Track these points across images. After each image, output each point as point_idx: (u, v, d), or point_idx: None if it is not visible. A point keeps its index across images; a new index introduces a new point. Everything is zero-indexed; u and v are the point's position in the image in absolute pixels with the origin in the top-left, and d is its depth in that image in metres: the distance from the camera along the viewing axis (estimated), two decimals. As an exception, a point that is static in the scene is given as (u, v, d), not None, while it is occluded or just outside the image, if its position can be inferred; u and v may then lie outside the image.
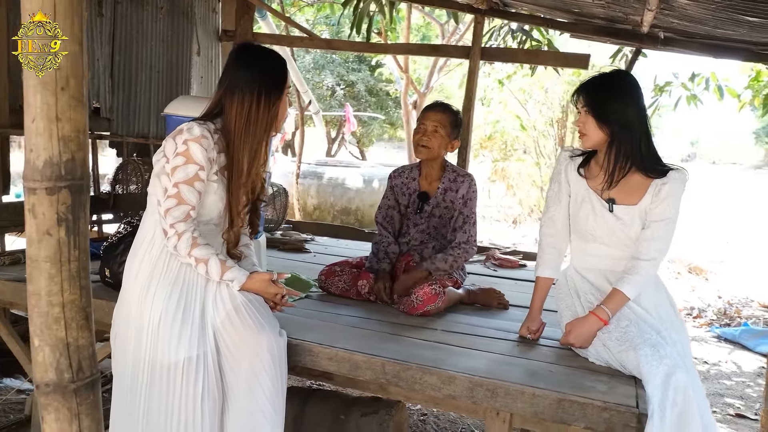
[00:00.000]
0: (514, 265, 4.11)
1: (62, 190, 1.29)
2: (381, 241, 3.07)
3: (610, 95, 2.40)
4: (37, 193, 1.28)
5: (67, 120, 1.29)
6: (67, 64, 1.27)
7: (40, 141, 1.27)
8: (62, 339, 1.33)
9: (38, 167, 1.28)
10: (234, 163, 2.22)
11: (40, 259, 1.30)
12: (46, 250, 1.30)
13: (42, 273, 1.30)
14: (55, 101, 1.27)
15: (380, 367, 2.21)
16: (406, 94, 8.70)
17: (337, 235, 4.80)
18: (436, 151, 3.00)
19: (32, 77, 1.26)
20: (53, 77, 1.26)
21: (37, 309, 1.31)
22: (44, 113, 1.27)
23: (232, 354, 2.21)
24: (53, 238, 1.30)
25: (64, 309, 1.32)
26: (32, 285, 1.32)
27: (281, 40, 5.55)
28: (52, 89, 1.27)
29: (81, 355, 1.35)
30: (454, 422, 3.74)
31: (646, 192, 2.44)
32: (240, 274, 2.21)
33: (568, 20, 4.22)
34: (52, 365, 1.33)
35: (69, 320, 1.33)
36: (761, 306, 7.43)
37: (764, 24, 3.09)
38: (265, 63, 2.27)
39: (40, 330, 1.32)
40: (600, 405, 1.99)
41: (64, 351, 1.33)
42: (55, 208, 1.29)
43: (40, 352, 1.33)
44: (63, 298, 1.32)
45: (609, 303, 2.39)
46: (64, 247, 1.31)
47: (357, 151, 16.21)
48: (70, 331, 1.33)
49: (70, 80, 1.28)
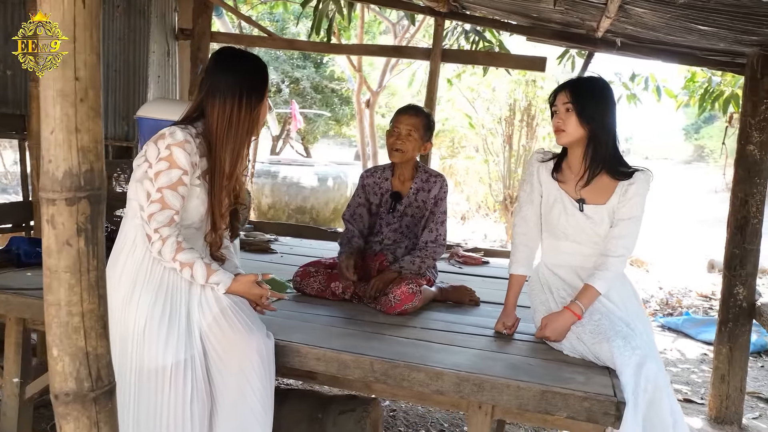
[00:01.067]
0: (477, 262, 4.22)
1: (82, 201, 1.30)
2: (345, 234, 3.14)
3: (594, 96, 2.53)
4: (56, 203, 1.29)
5: (86, 131, 1.29)
6: (86, 75, 1.28)
7: (60, 152, 1.28)
8: (82, 348, 1.33)
9: (58, 178, 1.28)
10: (216, 167, 2.23)
11: (59, 270, 1.30)
12: (66, 260, 1.30)
13: (62, 283, 1.31)
14: (74, 112, 1.27)
15: (369, 366, 2.26)
16: (359, 92, 8.74)
17: (300, 235, 4.82)
18: (410, 154, 3.06)
19: (51, 88, 1.27)
20: (73, 88, 1.27)
21: (57, 319, 1.32)
22: (64, 124, 1.27)
23: (220, 357, 2.23)
24: (73, 249, 1.30)
25: (83, 318, 1.33)
26: (52, 295, 1.32)
27: (241, 40, 5.52)
28: (71, 100, 1.27)
29: (99, 363, 1.36)
30: (423, 416, 3.81)
31: (613, 192, 2.57)
32: (225, 277, 2.23)
33: (525, 24, 4.34)
34: (71, 375, 1.33)
35: (88, 329, 1.34)
36: (699, 295, 7.78)
37: (713, 32, 3.27)
38: (247, 66, 2.29)
39: (60, 340, 1.32)
40: (581, 395, 2.09)
41: (83, 360, 1.34)
42: (75, 218, 1.30)
43: (59, 362, 1.33)
44: (82, 308, 1.33)
45: (582, 298, 2.50)
46: (84, 257, 1.32)
47: (302, 149, 16.14)
48: (89, 340, 1.34)
49: (89, 91, 1.29)
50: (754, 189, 3.86)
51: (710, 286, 8.30)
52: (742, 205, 3.89)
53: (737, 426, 3.94)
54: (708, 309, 7.05)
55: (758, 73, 3.75)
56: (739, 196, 3.90)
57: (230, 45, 2.62)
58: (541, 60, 4.37)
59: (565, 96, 2.55)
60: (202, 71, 4.69)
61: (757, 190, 3.86)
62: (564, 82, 2.64)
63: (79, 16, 1.26)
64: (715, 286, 8.31)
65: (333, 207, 7.86)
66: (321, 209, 7.67)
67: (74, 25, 1.25)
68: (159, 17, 4.78)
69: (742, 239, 3.91)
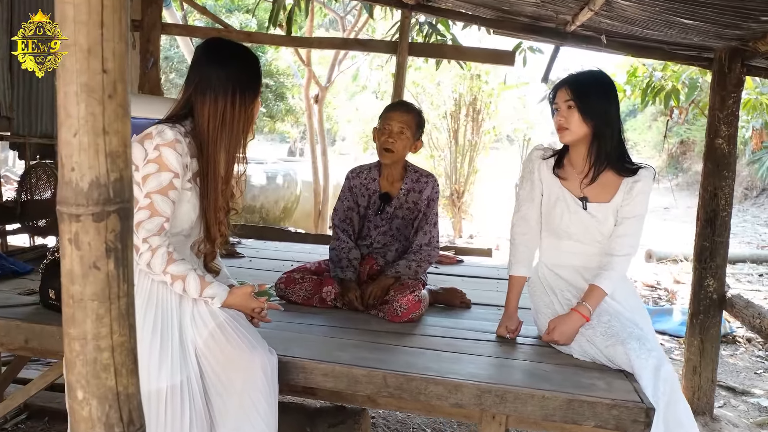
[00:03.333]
0: (452, 261, 4.12)
1: (111, 216, 1.09)
2: (341, 248, 2.92)
3: (595, 91, 2.44)
4: (81, 219, 1.08)
5: (115, 133, 1.09)
6: (115, 66, 1.08)
7: (85, 158, 1.07)
8: (112, 389, 1.13)
9: (83, 189, 1.07)
10: (209, 168, 2.04)
11: (85, 298, 1.10)
12: (93, 287, 1.10)
13: (88, 314, 1.10)
14: (102, 111, 1.07)
15: (382, 380, 2.11)
16: (308, 87, 8.50)
17: (262, 237, 4.61)
18: (401, 153, 2.90)
19: (73, 83, 1.06)
20: (100, 83, 1.07)
21: (83, 356, 1.11)
22: (90, 125, 1.06)
23: (218, 376, 2.04)
24: (101, 272, 1.10)
25: (113, 353, 1.13)
26: (75, 328, 1.11)
27: (195, 32, 5.23)
28: (98, 97, 1.07)
29: (131, 405, 1.16)
30: (403, 422, 3.69)
31: (618, 190, 2.50)
32: (220, 290, 2.04)
33: (492, 17, 4.26)
34: (100, 420, 1.13)
35: (119, 366, 1.14)
36: (645, 286, 7.95)
37: (696, 26, 3.25)
38: (239, 60, 2.10)
39: (86, 380, 1.12)
40: (608, 403, 2.01)
41: (114, 402, 1.14)
42: (104, 236, 1.09)
43: (85, 406, 1.12)
44: (112, 341, 1.12)
45: (589, 299, 2.43)
46: (114, 281, 1.11)
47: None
48: (119, 379, 1.14)
49: (118, 86, 1.09)
50: (722, 182, 3.90)
51: (653, 275, 8.51)
52: (711, 198, 3.93)
53: (709, 416, 3.99)
54: (657, 299, 7.19)
55: (726, 68, 3.79)
56: (709, 189, 3.94)
57: (217, 36, 2.41)
58: (509, 54, 4.31)
59: (565, 93, 2.46)
60: (153, 65, 4.43)
61: (725, 184, 3.91)
62: (564, 78, 2.55)
63: (108, -4, 1.06)
64: (657, 275, 8.54)
65: (283, 206, 7.63)
66: (271, 208, 7.41)
67: (102, 8, 1.05)
68: (105, 7, 4.45)
69: (711, 232, 3.95)
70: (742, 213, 15.45)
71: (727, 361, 5.31)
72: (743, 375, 5.02)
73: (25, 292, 2.70)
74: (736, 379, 4.86)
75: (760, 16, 2.91)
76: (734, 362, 5.36)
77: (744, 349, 5.69)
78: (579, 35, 4.08)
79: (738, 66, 3.80)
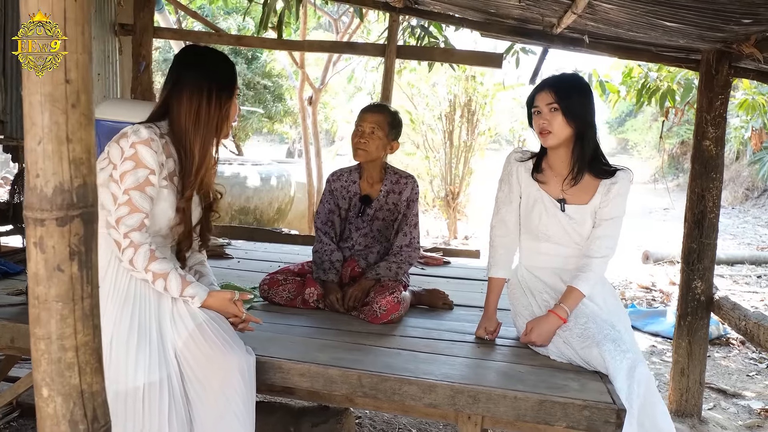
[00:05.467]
0: (438, 263, 4.16)
1: (74, 220, 1.14)
2: (323, 250, 2.96)
3: (576, 93, 2.46)
4: (46, 224, 1.13)
5: (78, 140, 1.14)
6: (77, 77, 1.12)
7: (49, 165, 1.12)
8: (76, 387, 1.18)
9: (47, 195, 1.12)
10: (185, 162, 2.10)
11: (50, 299, 1.14)
12: (57, 288, 1.14)
13: (53, 314, 1.15)
14: (65, 120, 1.12)
15: (357, 381, 2.15)
16: (302, 89, 8.54)
17: (252, 238, 4.64)
18: (375, 153, 2.95)
19: (37, 93, 1.10)
20: (63, 93, 1.11)
21: (47, 355, 1.16)
22: (54, 134, 1.11)
23: (197, 377, 2.08)
24: (65, 275, 1.15)
25: (77, 353, 1.17)
26: (41, 328, 1.15)
27: (186, 36, 5.26)
28: (62, 107, 1.11)
29: (95, 402, 1.21)
30: (389, 422, 3.72)
31: (596, 192, 2.53)
32: (200, 290, 2.09)
33: (480, 19, 4.29)
34: (65, 417, 1.17)
35: (83, 365, 1.18)
36: (640, 287, 7.96)
37: (678, 29, 3.29)
38: (214, 63, 2.19)
39: (51, 378, 1.16)
40: (580, 404, 2.04)
41: (78, 400, 1.18)
42: (67, 240, 1.14)
43: (50, 404, 1.17)
44: (76, 341, 1.17)
45: (566, 301, 2.46)
46: (77, 283, 1.16)
47: (233, 146, 15.79)
48: (84, 377, 1.18)
49: (81, 96, 1.13)
50: (710, 184, 3.90)
51: (648, 277, 8.51)
52: (698, 200, 3.93)
53: (697, 418, 3.99)
54: (651, 300, 7.20)
55: (713, 69, 3.79)
56: (696, 191, 3.94)
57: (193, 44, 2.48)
58: (497, 56, 4.35)
59: (548, 95, 2.47)
60: (145, 68, 4.47)
61: (713, 185, 3.91)
62: (544, 81, 2.57)
63: (70, 10, 1.10)
64: (653, 277, 8.54)
65: (277, 207, 7.67)
66: (265, 209, 7.45)
67: (64, 21, 1.10)
68: (98, 12, 4.51)
69: (699, 234, 3.94)
70: (742, 214, 15.37)
71: (720, 363, 5.30)
72: (735, 377, 5.01)
73: (13, 292, 2.75)
74: (728, 382, 4.85)
75: (741, 19, 2.93)
76: (727, 364, 5.34)
77: (737, 352, 5.67)
78: (566, 37, 4.11)
79: (725, 68, 3.80)
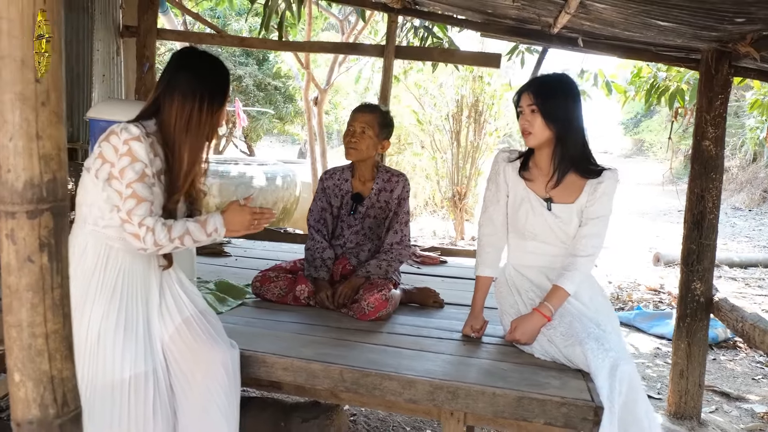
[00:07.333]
0: (435, 262, 4.19)
1: (44, 213, 1.19)
2: (315, 248, 3.02)
3: (557, 95, 2.49)
4: (16, 217, 1.18)
5: (48, 137, 1.19)
6: (48, 77, 1.17)
7: (20, 161, 1.17)
8: (46, 372, 1.23)
9: (17, 189, 1.17)
10: (173, 164, 2.13)
11: (20, 289, 1.20)
12: (28, 278, 1.20)
13: (23, 303, 1.20)
14: (35, 117, 1.17)
15: (338, 375, 2.19)
16: (308, 90, 8.60)
17: (252, 237, 4.69)
18: (365, 152, 3.00)
19: (8, 92, 1.16)
20: (33, 91, 1.17)
21: (19, 342, 1.21)
22: (24, 131, 1.16)
23: (183, 371, 2.13)
24: (35, 265, 1.20)
25: (47, 340, 1.23)
26: (12, 316, 1.21)
27: (189, 37, 5.33)
28: (32, 105, 1.16)
29: (65, 387, 1.26)
30: (384, 420, 3.76)
31: (582, 191, 2.55)
32: (213, 218, 2.09)
33: (479, 20, 4.32)
34: (35, 401, 1.22)
35: (53, 351, 1.23)
36: (648, 289, 7.92)
37: (672, 28, 3.30)
38: (211, 69, 2.20)
39: (22, 364, 1.22)
40: (558, 401, 2.07)
41: (48, 385, 1.23)
42: (37, 232, 1.19)
43: (21, 388, 1.22)
44: (46, 329, 1.22)
45: (551, 299, 2.48)
46: (47, 274, 1.21)
47: (245, 147, 15.91)
48: (54, 363, 1.24)
49: (51, 94, 1.19)
50: (710, 184, 3.87)
51: (658, 279, 8.46)
52: (698, 200, 3.90)
53: (696, 421, 3.96)
54: (658, 302, 7.17)
55: (713, 69, 3.76)
56: (696, 191, 3.90)
57: (191, 45, 2.51)
58: (496, 57, 4.37)
59: (528, 97, 2.51)
60: (148, 70, 4.54)
61: (713, 186, 3.87)
62: (527, 83, 2.61)
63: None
64: (662, 279, 8.49)
65: (282, 207, 7.72)
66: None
67: (34, 23, 1.15)
68: (103, 14, 4.59)
69: (698, 235, 3.91)
70: (759, 216, 15.13)
71: (725, 366, 5.25)
72: (740, 380, 4.96)
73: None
74: (732, 385, 4.81)
75: (734, 18, 2.93)
76: (733, 367, 5.29)
77: (744, 355, 5.61)
78: (564, 37, 4.13)
79: (725, 67, 3.78)
